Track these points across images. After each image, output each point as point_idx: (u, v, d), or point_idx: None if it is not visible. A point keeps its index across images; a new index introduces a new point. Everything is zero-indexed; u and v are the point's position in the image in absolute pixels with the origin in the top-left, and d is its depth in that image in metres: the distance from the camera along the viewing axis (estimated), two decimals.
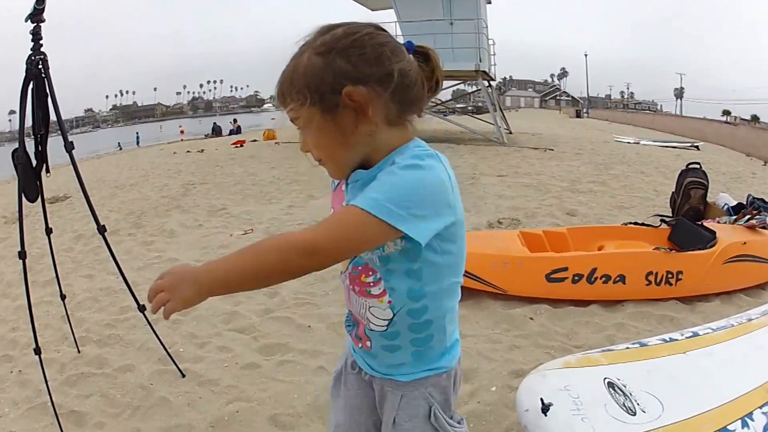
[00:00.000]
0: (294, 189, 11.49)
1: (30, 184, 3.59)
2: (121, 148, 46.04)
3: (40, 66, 3.41)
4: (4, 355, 4.75)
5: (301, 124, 1.55)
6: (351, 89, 1.43)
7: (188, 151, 21.61)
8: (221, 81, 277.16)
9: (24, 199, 3.55)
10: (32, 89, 3.42)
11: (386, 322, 1.63)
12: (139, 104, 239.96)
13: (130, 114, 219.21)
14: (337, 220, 1.46)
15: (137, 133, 51.61)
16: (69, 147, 3.53)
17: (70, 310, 4.78)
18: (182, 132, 55.04)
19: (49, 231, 4.09)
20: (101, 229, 3.70)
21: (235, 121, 39.99)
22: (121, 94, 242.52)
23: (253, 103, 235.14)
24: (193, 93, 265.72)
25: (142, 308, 3.98)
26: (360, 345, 1.77)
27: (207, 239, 7.99)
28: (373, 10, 24.62)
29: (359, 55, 1.44)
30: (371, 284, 1.61)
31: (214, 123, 43.80)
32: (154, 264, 6.89)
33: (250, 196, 11.04)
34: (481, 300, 5.02)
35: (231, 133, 36.43)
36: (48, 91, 3.45)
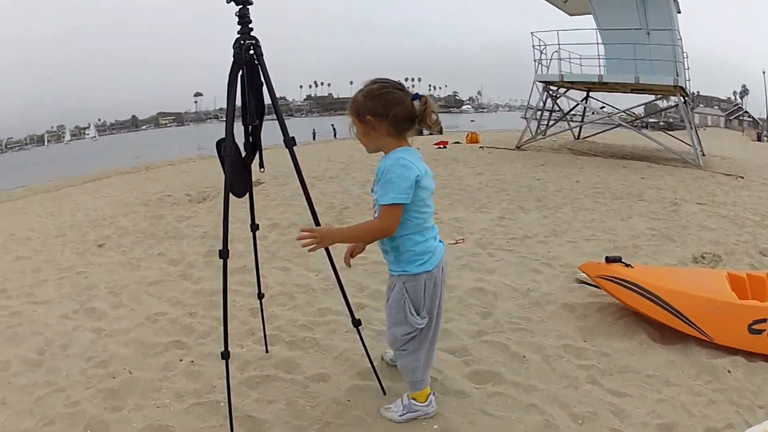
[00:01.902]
0: (503, 198, 11.03)
1: (239, 178, 3.45)
2: (314, 138, 47.68)
3: (252, 51, 3.27)
4: (176, 341, 4.68)
5: (353, 125, 3.11)
6: (370, 118, 2.97)
7: None
8: (419, 79, 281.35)
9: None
10: (242, 75, 3.29)
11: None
12: (335, 96, 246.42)
13: (324, 105, 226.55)
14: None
15: (333, 125, 51.25)
16: (290, 143, 3.36)
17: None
18: None
19: (255, 227, 3.93)
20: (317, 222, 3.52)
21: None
22: (316, 85, 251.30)
23: (452, 104, 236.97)
24: None
25: (356, 323, 3.75)
26: None
27: None
28: (570, 15, 24.57)
29: (377, 103, 2.96)
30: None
31: None
32: (359, 266, 6.27)
33: (459, 202, 10.55)
34: (687, 345, 4.53)
35: (431, 132, 35.63)
36: (263, 79, 3.31)
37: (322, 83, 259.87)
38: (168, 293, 5.88)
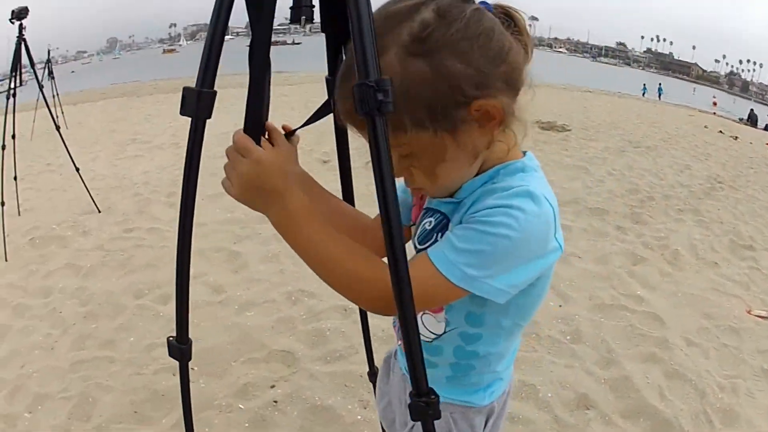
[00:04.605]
0: None
1: None
2: (644, 95, 43.46)
3: None
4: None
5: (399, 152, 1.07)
6: (483, 102, 0.99)
7: (720, 132, 17.83)
8: (761, 65, 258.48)
9: None
10: None
11: (434, 336, 1.34)
12: (675, 57, 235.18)
13: (664, 63, 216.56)
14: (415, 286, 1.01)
15: (660, 84, 47.83)
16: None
17: None
18: (714, 104, 47.14)
19: None
20: None
21: None
22: (657, 40, 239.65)
23: None
24: (732, 67, 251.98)
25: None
26: (401, 343, 1.32)
27: (717, 300, 4.81)
28: None
29: (479, 48, 0.97)
30: None
31: (752, 110, 37.44)
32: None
33: None
34: None
35: (766, 128, 30.32)
36: None
37: (664, 39, 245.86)
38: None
